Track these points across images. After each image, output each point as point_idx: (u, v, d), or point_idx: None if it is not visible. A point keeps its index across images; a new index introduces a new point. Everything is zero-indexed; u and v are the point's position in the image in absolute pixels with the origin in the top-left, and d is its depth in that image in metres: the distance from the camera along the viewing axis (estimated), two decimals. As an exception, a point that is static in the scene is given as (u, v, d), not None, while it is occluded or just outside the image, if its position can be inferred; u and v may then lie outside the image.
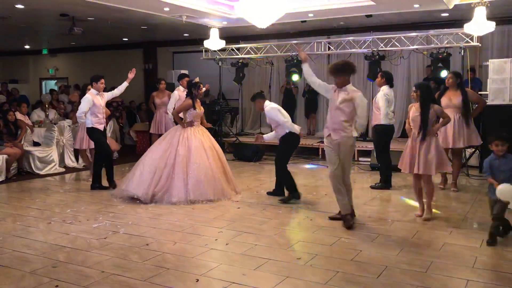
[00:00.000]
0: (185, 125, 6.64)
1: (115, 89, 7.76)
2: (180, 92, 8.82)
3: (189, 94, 6.75)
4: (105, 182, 7.32)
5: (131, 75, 7.63)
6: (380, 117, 6.97)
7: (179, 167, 6.32)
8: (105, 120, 7.41)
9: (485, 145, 8.08)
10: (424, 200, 5.51)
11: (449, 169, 5.82)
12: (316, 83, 5.50)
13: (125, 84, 7.63)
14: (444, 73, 9.08)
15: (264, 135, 6.94)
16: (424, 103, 5.34)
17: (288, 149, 6.59)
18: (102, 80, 7.31)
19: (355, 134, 5.19)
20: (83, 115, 7.10)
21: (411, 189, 7.13)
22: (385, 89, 7.07)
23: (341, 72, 5.26)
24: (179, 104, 8.62)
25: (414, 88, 5.52)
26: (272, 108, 6.58)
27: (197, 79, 6.87)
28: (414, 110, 5.49)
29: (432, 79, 10.32)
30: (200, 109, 6.77)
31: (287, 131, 6.48)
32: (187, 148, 6.43)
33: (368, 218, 5.51)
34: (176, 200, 6.20)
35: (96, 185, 7.29)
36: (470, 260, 4.14)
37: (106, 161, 7.32)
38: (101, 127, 7.24)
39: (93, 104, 7.11)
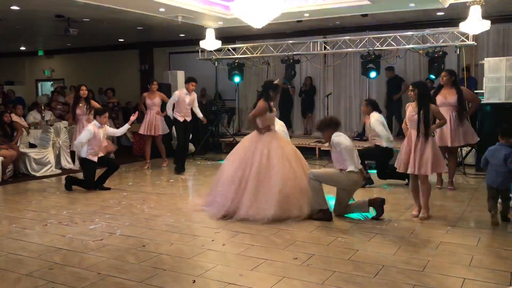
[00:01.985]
0: (263, 131, 5.79)
1: (118, 129, 7.94)
2: (181, 94, 8.77)
3: (264, 96, 5.88)
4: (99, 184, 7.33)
5: (133, 118, 7.73)
6: (380, 141, 7.11)
7: (254, 180, 5.48)
8: (101, 152, 7.34)
9: (481, 143, 8.14)
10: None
11: (445, 170, 5.82)
12: None
13: (126, 126, 7.74)
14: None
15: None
16: (423, 102, 5.26)
17: None
18: (106, 114, 7.33)
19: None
20: (81, 146, 7.10)
21: (406, 188, 7.17)
22: (375, 115, 7.11)
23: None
24: (179, 104, 8.62)
25: (411, 87, 5.42)
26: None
27: (276, 81, 6.15)
28: (411, 110, 5.44)
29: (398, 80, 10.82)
30: (274, 112, 6.04)
31: None
32: (265, 158, 5.59)
33: (364, 218, 5.52)
34: (243, 217, 5.37)
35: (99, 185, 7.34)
36: (466, 259, 4.14)
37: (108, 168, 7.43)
38: (94, 158, 7.18)
39: (94, 136, 7.10)
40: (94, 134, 7.07)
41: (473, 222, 5.37)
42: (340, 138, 5.43)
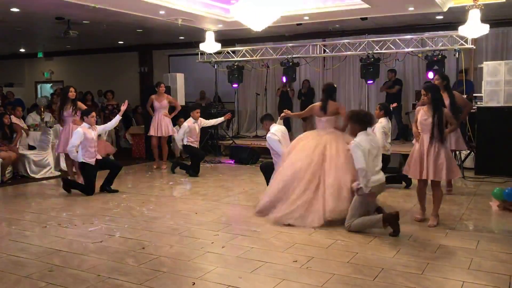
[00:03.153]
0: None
1: (108, 123, 7.89)
2: (189, 124, 8.85)
3: (332, 98, 5.96)
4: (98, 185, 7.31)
5: (123, 108, 7.74)
6: None
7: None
8: (98, 155, 7.26)
9: (479, 147, 8.16)
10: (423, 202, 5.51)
11: (459, 175, 5.72)
12: None
13: (118, 118, 7.71)
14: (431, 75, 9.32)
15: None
16: (436, 106, 5.12)
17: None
18: (93, 114, 7.25)
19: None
20: (74, 149, 7.03)
21: (405, 191, 7.18)
22: (383, 121, 7.18)
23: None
24: (190, 132, 8.77)
25: (423, 91, 5.27)
26: (272, 135, 6.30)
27: (335, 84, 6.29)
28: (422, 113, 5.25)
29: (394, 83, 10.87)
30: None
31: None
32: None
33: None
34: None
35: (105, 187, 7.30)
36: (465, 262, 4.15)
37: (110, 170, 7.34)
38: (92, 161, 7.11)
39: (85, 137, 7.02)
40: (84, 135, 7.00)
41: (472, 225, 5.38)
42: (357, 141, 4.90)
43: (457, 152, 8.25)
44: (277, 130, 6.49)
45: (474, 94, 9.36)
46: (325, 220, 5.20)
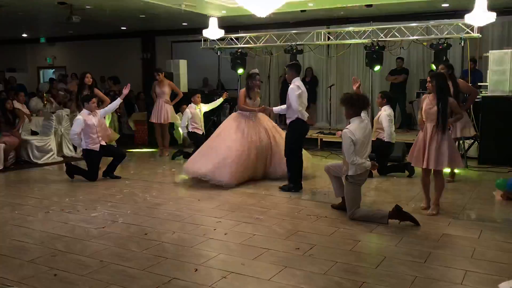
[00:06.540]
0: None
1: (108, 106, 7.77)
2: (192, 110, 8.81)
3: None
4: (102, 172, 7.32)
5: (125, 91, 7.67)
6: (383, 135, 7.23)
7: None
8: (100, 138, 7.18)
9: (484, 137, 8.11)
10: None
11: (462, 166, 5.73)
12: None
13: (118, 101, 7.63)
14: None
15: (274, 108, 7.42)
16: (441, 94, 5.07)
17: (294, 137, 6.44)
18: (94, 100, 7.19)
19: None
20: (76, 136, 7.02)
21: (408, 179, 7.17)
22: (387, 109, 7.27)
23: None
24: (194, 118, 8.80)
25: (429, 78, 5.21)
26: (295, 88, 6.39)
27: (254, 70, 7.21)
28: (427, 102, 5.19)
29: (401, 71, 10.82)
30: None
31: (296, 116, 6.34)
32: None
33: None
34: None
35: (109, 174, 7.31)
36: (468, 251, 4.14)
37: (115, 158, 7.35)
38: (96, 147, 7.08)
39: (85, 124, 6.99)
40: (85, 122, 6.97)
41: (475, 215, 5.37)
42: (350, 130, 4.90)
43: (460, 142, 8.22)
44: (301, 85, 6.53)
45: (479, 83, 9.28)
46: None
